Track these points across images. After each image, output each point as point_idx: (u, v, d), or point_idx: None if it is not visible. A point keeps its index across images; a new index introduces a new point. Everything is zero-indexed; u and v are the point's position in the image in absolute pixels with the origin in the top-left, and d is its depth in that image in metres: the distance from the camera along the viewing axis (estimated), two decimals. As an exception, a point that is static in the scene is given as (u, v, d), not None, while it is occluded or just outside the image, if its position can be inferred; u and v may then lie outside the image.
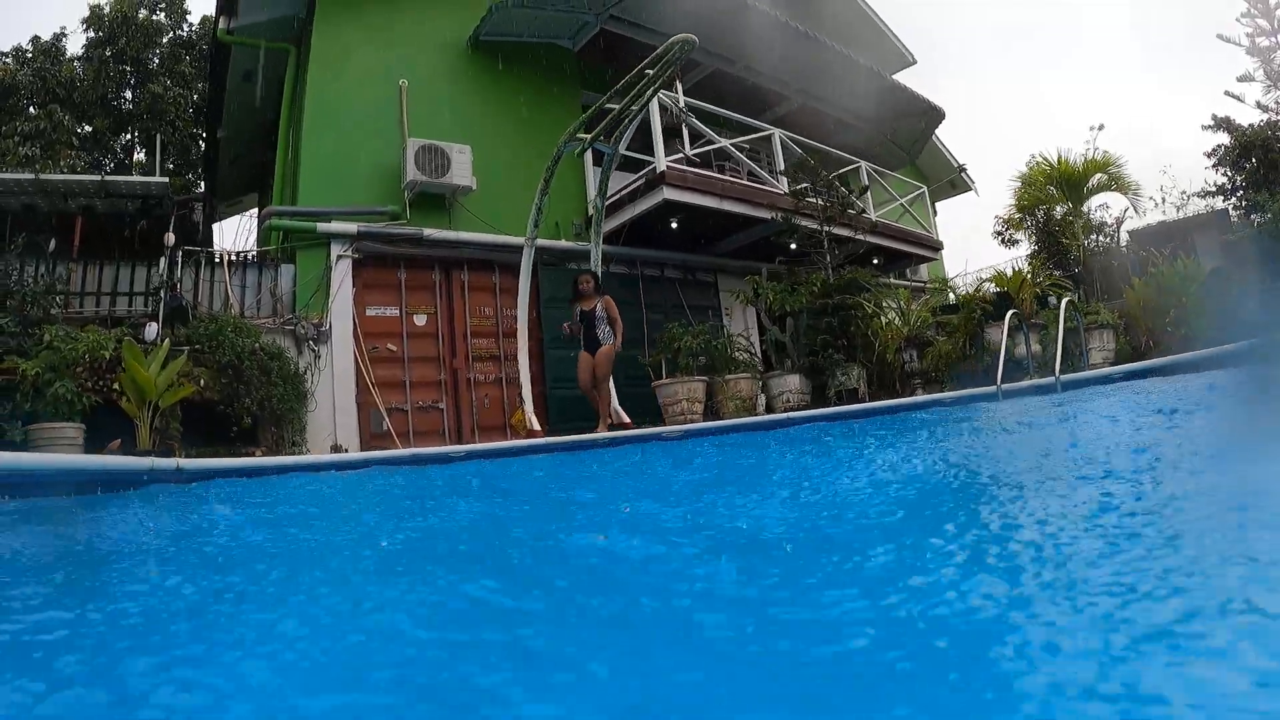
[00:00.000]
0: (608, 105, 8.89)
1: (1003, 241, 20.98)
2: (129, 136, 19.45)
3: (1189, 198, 18.26)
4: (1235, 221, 17.11)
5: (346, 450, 8.70)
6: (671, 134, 11.59)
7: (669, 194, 10.77)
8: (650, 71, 8.30)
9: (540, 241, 10.06)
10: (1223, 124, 17.71)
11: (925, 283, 17.64)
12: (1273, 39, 17.19)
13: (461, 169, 10.49)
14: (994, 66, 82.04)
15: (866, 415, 7.55)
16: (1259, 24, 17.32)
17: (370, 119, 10.69)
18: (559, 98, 12.62)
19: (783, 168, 12.64)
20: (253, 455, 6.63)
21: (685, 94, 11.98)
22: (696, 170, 11.46)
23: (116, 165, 18.47)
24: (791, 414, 8.46)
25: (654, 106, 10.47)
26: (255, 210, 17.36)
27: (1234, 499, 2.07)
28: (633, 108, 8.71)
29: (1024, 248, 19.57)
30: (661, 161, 10.81)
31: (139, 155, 19.17)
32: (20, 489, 3.90)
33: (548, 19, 11.93)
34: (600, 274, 10.54)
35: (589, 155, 11.47)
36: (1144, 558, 1.61)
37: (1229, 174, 17.97)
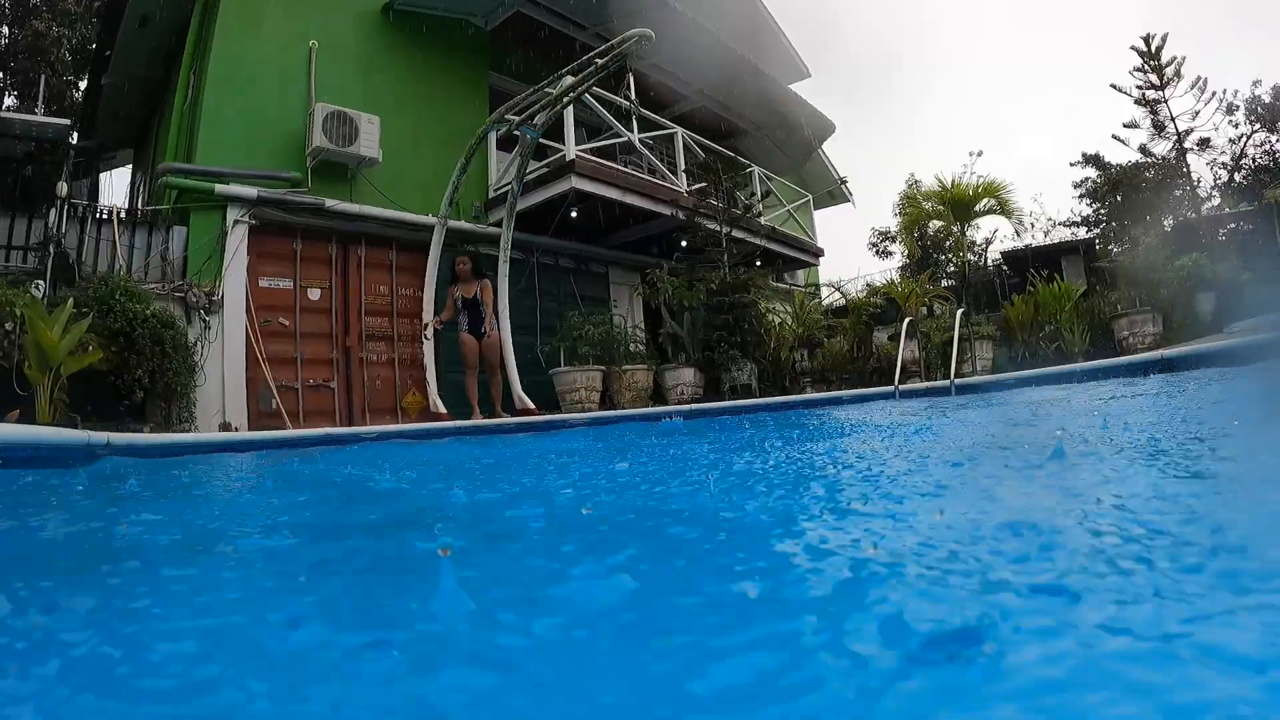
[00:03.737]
0: (547, 90, 8.96)
1: (878, 252, 22.14)
2: (0, 76, 18.10)
3: (1056, 225, 19.61)
4: (1099, 248, 18.49)
5: (236, 429, 8.44)
6: (578, 125, 11.65)
7: (577, 183, 10.83)
8: (600, 61, 8.45)
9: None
10: (1091, 160, 19.02)
11: (813, 286, 18.26)
12: (1159, 93, 18.72)
13: (369, 140, 10.25)
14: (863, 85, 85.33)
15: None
16: (1149, 79, 18.79)
17: (278, 78, 10.29)
18: (467, 78, 12.51)
19: (684, 165, 12.90)
20: (142, 433, 6.33)
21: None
22: (605, 162, 11.57)
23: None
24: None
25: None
26: (129, 167, 16.42)
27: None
28: (571, 93, 8.84)
29: (897, 259, 20.75)
30: (571, 150, 10.86)
31: (8, 100, 17.83)
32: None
33: (465, -7, 11.79)
34: (510, 258, 10.58)
35: (493, 139, 11.45)
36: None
37: (1093, 205, 19.34)
